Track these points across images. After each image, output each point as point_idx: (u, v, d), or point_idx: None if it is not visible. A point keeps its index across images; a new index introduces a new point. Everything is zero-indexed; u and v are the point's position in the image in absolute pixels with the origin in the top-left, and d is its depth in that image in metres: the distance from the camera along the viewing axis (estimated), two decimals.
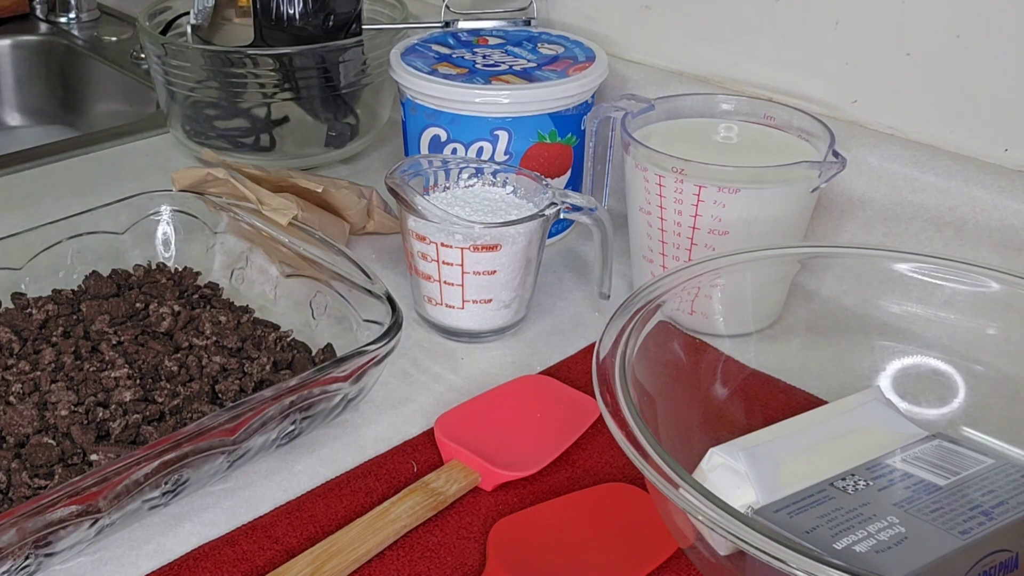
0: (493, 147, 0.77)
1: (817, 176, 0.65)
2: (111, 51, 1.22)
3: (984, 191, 0.67)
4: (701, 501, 0.40)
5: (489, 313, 0.68)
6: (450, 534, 0.54)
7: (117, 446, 0.54)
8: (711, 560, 0.45)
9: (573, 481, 0.58)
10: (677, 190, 0.66)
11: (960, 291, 0.57)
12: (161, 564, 0.52)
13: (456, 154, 0.76)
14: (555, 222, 0.79)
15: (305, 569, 0.50)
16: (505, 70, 0.78)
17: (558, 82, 0.76)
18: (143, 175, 0.91)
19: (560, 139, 0.78)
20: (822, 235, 0.75)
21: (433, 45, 0.83)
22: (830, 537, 0.45)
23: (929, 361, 0.58)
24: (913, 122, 0.73)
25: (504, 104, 0.75)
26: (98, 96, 1.22)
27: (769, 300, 0.64)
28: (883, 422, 0.54)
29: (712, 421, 0.56)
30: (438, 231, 0.65)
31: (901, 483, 0.49)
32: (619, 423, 0.45)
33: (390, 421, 0.63)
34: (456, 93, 0.75)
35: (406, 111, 0.80)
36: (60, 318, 0.64)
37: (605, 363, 0.48)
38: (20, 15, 1.31)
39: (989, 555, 0.45)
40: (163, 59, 0.89)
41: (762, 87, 0.79)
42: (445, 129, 0.77)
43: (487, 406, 0.62)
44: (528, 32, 0.86)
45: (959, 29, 0.68)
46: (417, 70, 0.77)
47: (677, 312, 0.55)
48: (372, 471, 0.58)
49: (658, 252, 0.70)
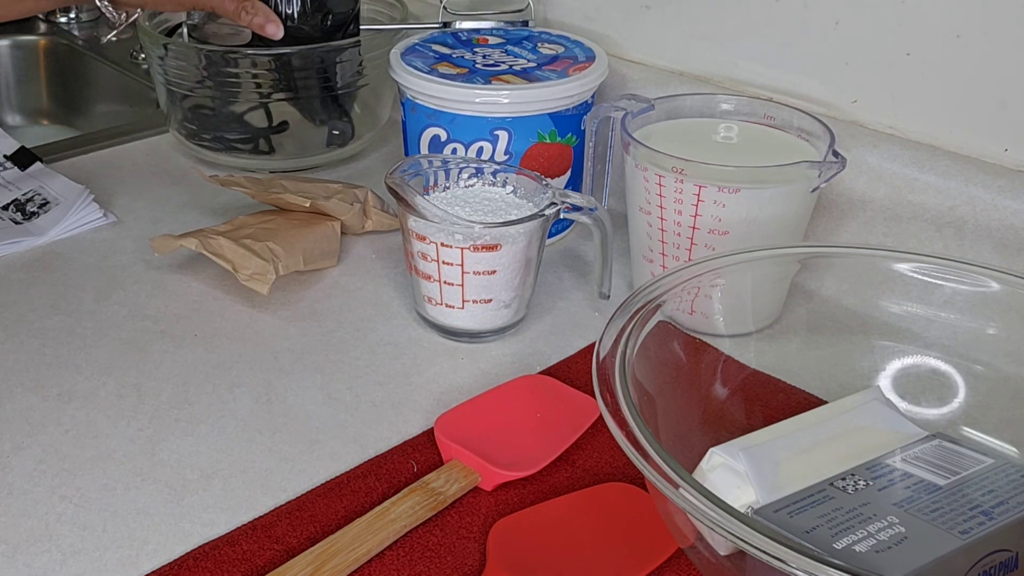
0: (493, 147, 0.77)
1: (817, 176, 0.65)
2: (111, 51, 1.22)
3: (984, 191, 0.67)
4: (701, 501, 0.40)
5: (489, 313, 0.68)
6: (450, 534, 0.54)
7: None
8: (711, 560, 0.45)
9: (573, 481, 0.58)
10: (677, 190, 0.66)
11: (960, 291, 0.57)
12: (161, 564, 0.52)
13: (456, 154, 0.76)
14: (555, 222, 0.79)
15: (305, 569, 0.50)
16: (505, 70, 0.78)
17: (558, 82, 0.76)
18: (143, 175, 0.91)
19: (560, 139, 0.78)
20: (822, 235, 0.75)
21: (433, 45, 0.83)
22: (830, 537, 0.45)
23: (929, 361, 0.58)
24: (913, 122, 0.73)
25: (504, 104, 0.75)
26: (98, 96, 1.22)
27: (769, 300, 0.64)
28: (883, 422, 0.54)
29: (712, 421, 0.56)
30: (438, 231, 0.65)
31: (901, 483, 0.49)
32: (619, 423, 0.45)
33: (390, 421, 0.63)
34: (456, 93, 0.75)
35: (406, 111, 0.80)
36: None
37: (605, 363, 0.48)
38: None
39: (989, 555, 0.45)
40: (163, 59, 0.89)
41: (762, 87, 0.79)
42: (445, 129, 0.77)
43: (487, 406, 0.62)
44: (528, 32, 0.86)
45: (959, 29, 0.68)
46: (417, 70, 0.77)
47: (677, 312, 0.55)
48: (372, 471, 0.58)
49: (658, 252, 0.70)
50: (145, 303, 0.73)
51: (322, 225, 0.77)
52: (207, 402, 0.64)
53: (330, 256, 0.77)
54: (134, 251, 0.79)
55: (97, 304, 0.73)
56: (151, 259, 0.78)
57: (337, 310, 0.73)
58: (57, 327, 0.70)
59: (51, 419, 0.62)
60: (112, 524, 0.55)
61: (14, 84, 1.27)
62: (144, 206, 0.86)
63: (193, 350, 0.68)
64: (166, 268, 0.77)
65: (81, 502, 0.56)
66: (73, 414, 0.62)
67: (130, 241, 0.81)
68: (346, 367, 0.67)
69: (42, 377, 0.66)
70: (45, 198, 0.85)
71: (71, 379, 0.66)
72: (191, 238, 0.74)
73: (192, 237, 0.74)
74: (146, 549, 0.53)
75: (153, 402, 0.64)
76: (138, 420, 0.62)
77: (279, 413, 0.63)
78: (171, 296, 0.74)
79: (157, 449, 0.60)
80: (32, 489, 0.57)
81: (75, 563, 0.52)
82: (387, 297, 0.75)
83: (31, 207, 0.84)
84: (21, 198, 0.86)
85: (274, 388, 0.65)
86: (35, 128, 1.26)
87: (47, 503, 0.56)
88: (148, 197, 0.88)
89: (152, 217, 0.84)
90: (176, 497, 0.56)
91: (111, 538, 0.54)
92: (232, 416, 0.63)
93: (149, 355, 0.68)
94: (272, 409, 0.63)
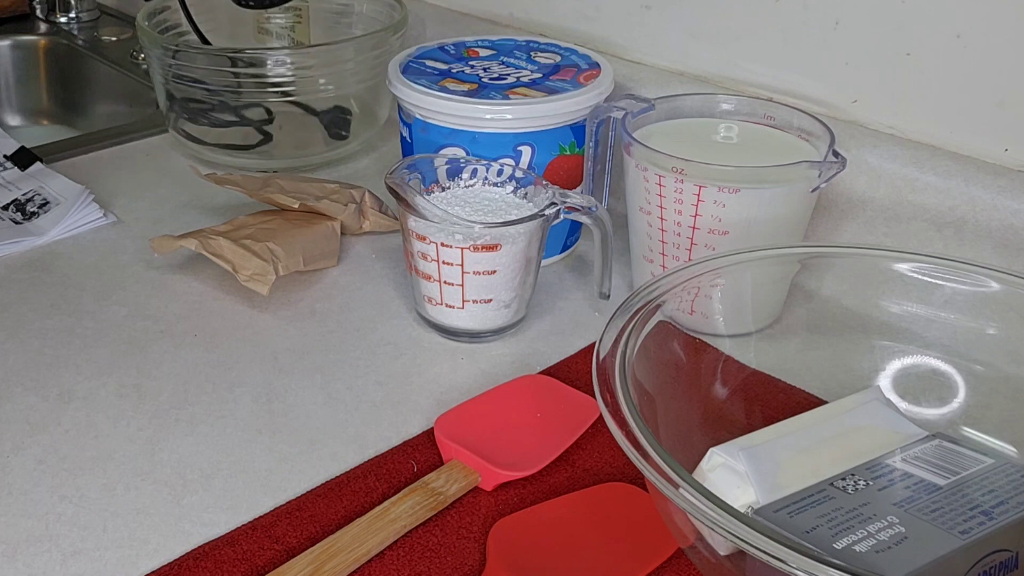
0: (516, 163, 0.74)
1: (817, 176, 0.65)
2: (111, 51, 1.22)
3: (984, 191, 0.67)
4: (701, 501, 0.40)
5: (489, 313, 0.68)
6: (450, 534, 0.54)
7: None
8: (711, 560, 0.45)
9: (573, 481, 0.58)
10: (677, 190, 0.66)
11: (960, 291, 0.57)
12: (161, 564, 0.52)
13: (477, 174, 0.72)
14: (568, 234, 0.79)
15: (305, 569, 0.50)
16: (515, 83, 0.75)
17: (577, 92, 0.74)
18: (143, 175, 0.91)
19: (579, 149, 0.76)
20: (822, 235, 0.75)
21: (427, 61, 0.79)
22: (830, 537, 0.45)
23: (929, 361, 0.58)
24: (913, 122, 0.73)
25: (531, 119, 0.72)
26: (98, 96, 1.22)
27: (769, 300, 0.64)
28: (883, 422, 0.54)
29: (712, 421, 0.56)
30: (438, 231, 0.65)
31: (901, 483, 0.49)
32: (619, 423, 0.45)
33: (390, 421, 0.63)
34: (477, 110, 0.72)
35: (413, 131, 0.76)
36: None
37: (605, 363, 0.48)
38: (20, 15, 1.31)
39: (989, 555, 0.45)
40: (162, 59, 0.89)
41: (762, 87, 0.79)
42: (464, 148, 0.74)
43: (487, 406, 0.62)
44: (515, 41, 0.83)
45: (959, 29, 0.68)
46: (425, 88, 0.74)
47: (677, 312, 0.55)
48: (372, 471, 0.58)
49: (658, 252, 0.70)
50: (145, 303, 0.73)
51: (322, 225, 0.77)
52: (207, 402, 0.64)
53: (330, 256, 0.77)
54: (134, 251, 0.79)
55: (97, 304, 0.73)
56: (151, 259, 0.78)
57: (337, 310, 0.73)
58: (57, 327, 0.70)
59: (51, 419, 0.62)
60: (112, 524, 0.55)
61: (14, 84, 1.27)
62: (144, 206, 0.86)
63: (193, 350, 0.68)
64: (166, 268, 0.77)
65: (81, 502, 0.56)
66: (73, 414, 0.62)
67: (130, 241, 0.81)
68: (346, 367, 0.67)
69: (42, 377, 0.66)
70: (45, 198, 0.85)
71: (71, 379, 0.66)
72: (191, 238, 0.74)
73: (192, 237, 0.74)
74: (146, 549, 0.53)
75: (153, 402, 0.64)
76: (138, 420, 0.62)
77: (279, 413, 0.63)
78: (171, 296, 0.74)
79: (157, 449, 0.60)
80: (32, 489, 0.57)
81: (75, 563, 0.52)
82: (387, 297, 0.75)
83: (31, 207, 0.84)
84: (21, 198, 0.86)
85: (274, 388, 0.65)
86: (35, 128, 1.26)
87: (47, 503, 0.56)
88: (148, 197, 0.88)
89: (152, 217, 0.84)
90: (176, 497, 0.56)
91: (111, 538, 0.54)
92: (232, 416, 0.63)
93: (149, 355, 0.68)
94: (272, 409, 0.63)
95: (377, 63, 0.90)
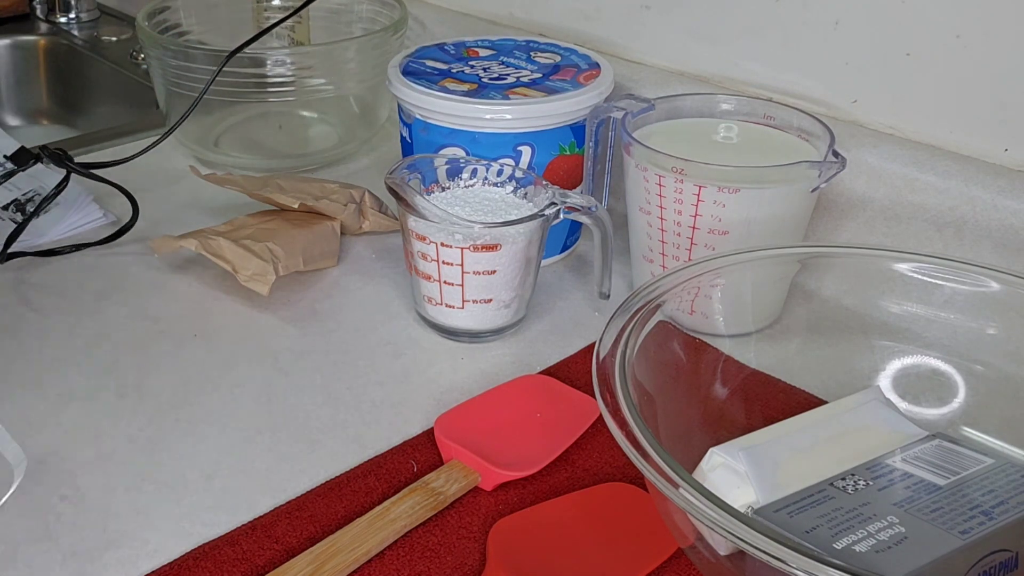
0: (516, 163, 0.74)
1: (817, 176, 0.65)
2: (111, 51, 1.22)
3: (984, 191, 0.67)
4: (701, 501, 0.40)
5: (489, 313, 0.68)
6: (450, 534, 0.54)
7: None
8: (711, 560, 0.45)
9: (573, 481, 0.58)
10: (677, 190, 0.66)
11: (960, 291, 0.57)
12: (161, 564, 0.52)
13: (476, 174, 0.72)
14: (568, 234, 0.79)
15: (305, 569, 0.50)
16: (515, 83, 0.75)
17: (578, 92, 0.74)
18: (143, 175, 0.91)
19: (579, 150, 0.76)
20: (822, 235, 0.75)
21: (427, 61, 0.79)
22: (830, 537, 0.45)
23: (929, 361, 0.58)
24: (913, 122, 0.73)
25: (530, 118, 0.72)
26: (98, 96, 1.22)
27: (769, 300, 0.64)
28: (883, 422, 0.54)
29: (712, 421, 0.56)
30: (438, 231, 0.65)
31: (901, 483, 0.49)
32: (619, 423, 0.45)
33: (390, 421, 0.63)
34: (477, 110, 0.72)
35: (414, 131, 0.76)
36: None
37: (605, 363, 0.48)
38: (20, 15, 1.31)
39: (989, 555, 0.45)
40: (162, 59, 0.89)
41: (762, 87, 0.79)
42: (464, 148, 0.74)
43: (487, 406, 0.62)
44: (515, 41, 0.83)
45: (959, 29, 0.68)
46: (425, 88, 0.74)
47: (677, 312, 0.55)
48: (372, 471, 0.58)
49: (658, 252, 0.70)
50: (145, 303, 0.73)
51: (322, 225, 0.77)
52: (207, 402, 0.64)
53: (330, 256, 0.77)
54: (134, 251, 0.79)
55: (97, 304, 0.73)
56: (151, 259, 0.78)
57: (337, 310, 0.73)
58: (57, 327, 0.70)
59: (51, 419, 0.62)
60: (112, 524, 0.55)
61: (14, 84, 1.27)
62: (144, 206, 0.86)
63: (193, 350, 0.68)
64: (166, 268, 0.77)
65: (81, 502, 0.56)
66: (73, 414, 0.62)
67: (130, 241, 0.81)
68: (346, 367, 0.67)
69: (42, 377, 0.66)
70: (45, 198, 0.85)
71: (71, 379, 0.66)
72: (191, 239, 0.74)
73: (192, 238, 0.74)
74: (146, 549, 0.53)
75: (153, 402, 0.64)
76: (138, 420, 0.62)
77: (279, 413, 0.63)
78: (171, 296, 0.74)
79: (157, 449, 0.60)
80: (32, 489, 0.57)
81: (75, 563, 0.52)
82: (387, 297, 0.75)
83: (31, 207, 0.84)
84: (21, 198, 0.85)
85: (274, 388, 0.65)
86: (35, 128, 1.26)
87: (47, 503, 0.56)
88: (148, 197, 0.88)
89: (152, 217, 0.84)
90: (176, 497, 0.56)
91: (111, 538, 0.54)
92: (232, 416, 0.63)
93: (149, 355, 0.68)
94: (272, 409, 0.63)
95: (377, 63, 0.90)
